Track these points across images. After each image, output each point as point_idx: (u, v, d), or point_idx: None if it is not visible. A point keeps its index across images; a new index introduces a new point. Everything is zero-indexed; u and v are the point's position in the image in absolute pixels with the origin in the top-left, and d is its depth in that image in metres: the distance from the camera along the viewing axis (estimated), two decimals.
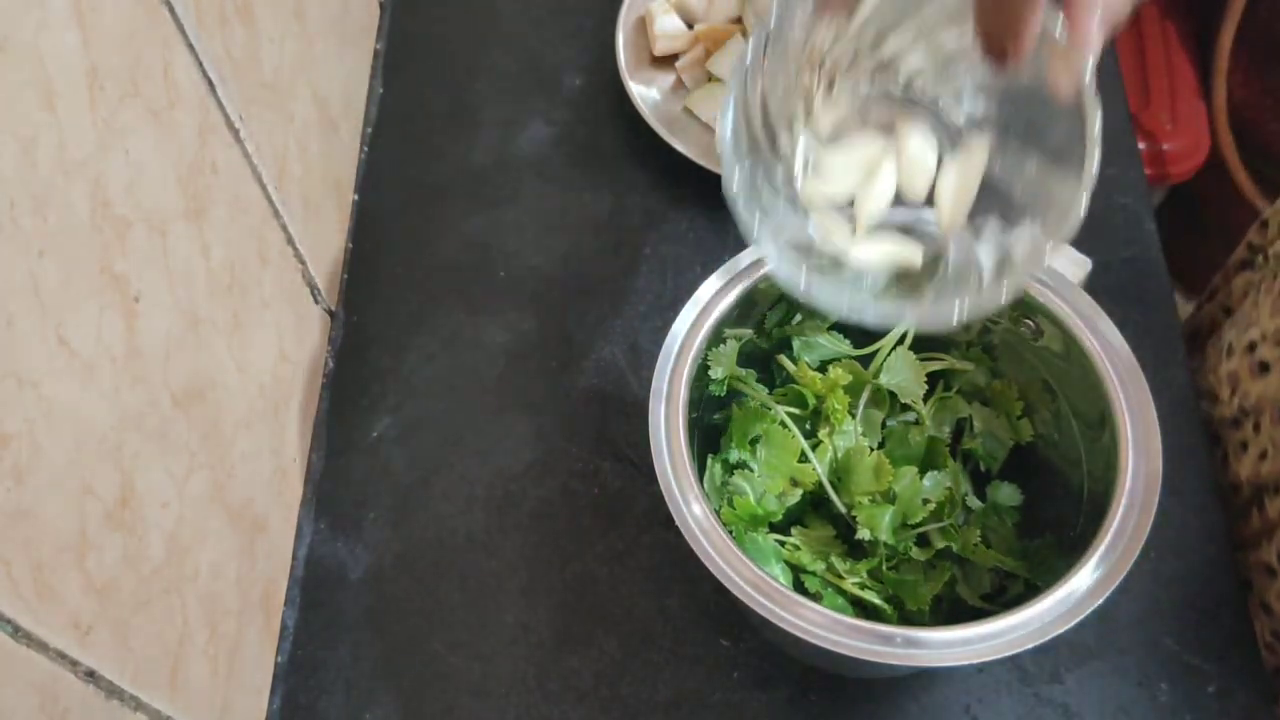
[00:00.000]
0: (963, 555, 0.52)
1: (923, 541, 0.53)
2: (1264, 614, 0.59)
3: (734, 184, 0.41)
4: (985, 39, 0.35)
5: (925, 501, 0.52)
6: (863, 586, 0.51)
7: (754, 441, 0.53)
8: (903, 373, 0.54)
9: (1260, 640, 0.58)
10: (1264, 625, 0.59)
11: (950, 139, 0.44)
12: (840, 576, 0.51)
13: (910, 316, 0.43)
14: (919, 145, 0.44)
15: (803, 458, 0.52)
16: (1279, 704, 0.57)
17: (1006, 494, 0.54)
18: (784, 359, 0.57)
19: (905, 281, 0.45)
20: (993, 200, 0.44)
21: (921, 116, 0.44)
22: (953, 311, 0.42)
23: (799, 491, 0.52)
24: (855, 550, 0.53)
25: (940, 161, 0.44)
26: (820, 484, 0.52)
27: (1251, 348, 0.63)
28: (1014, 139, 0.42)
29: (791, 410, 0.54)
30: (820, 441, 0.54)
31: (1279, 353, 0.60)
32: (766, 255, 0.41)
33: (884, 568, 0.52)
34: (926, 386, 0.54)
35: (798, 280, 0.42)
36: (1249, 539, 0.61)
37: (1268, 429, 0.60)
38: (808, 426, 0.55)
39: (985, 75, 0.39)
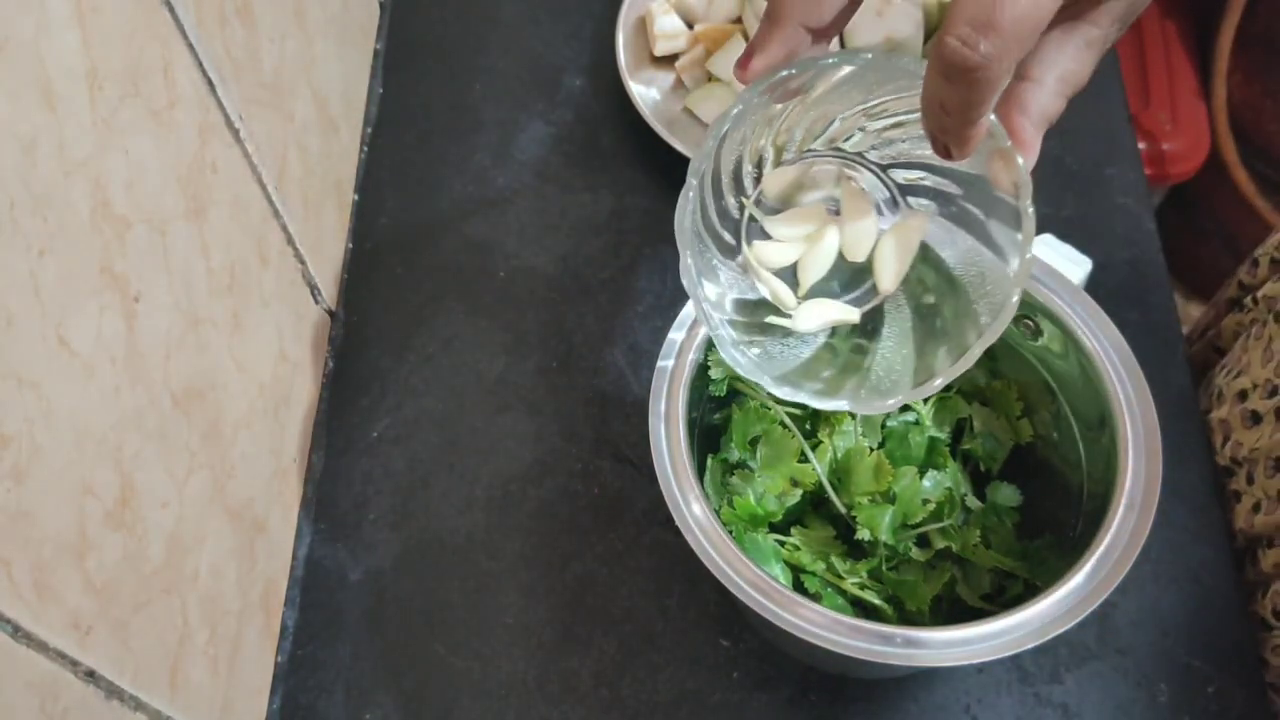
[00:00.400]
0: (962, 556, 0.52)
1: (922, 542, 0.53)
2: (1261, 667, 0.59)
3: (691, 268, 0.41)
4: (931, 138, 0.36)
5: (925, 502, 0.52)
6: (862, 587, 0.51)
7: (754, 442, 0.53)
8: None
9: (1265, 681, 0.58)
10: (1262, 676, 0.58)
11: (893, 203, 0.45)
12: (840, 576, 0.51)
13: (847, 403, 0.43)
14: (862, 209, 0.45)
15: (802, 458, 0.52)
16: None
17: (1006, 494, 0.54)
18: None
19: (846, 364, 0.46)
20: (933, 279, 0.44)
21: (865, 178, 0.44)
22: (887, 401, 0.43)
23: (799, 492, 0.52)
24: (855, 550, 0.53)
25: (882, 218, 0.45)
26: (820, 484, 0.52)
27: (1242, 396, 0.62)
28: (955, 217, 0.43)
29: (792, 410, 0.54)
30: (820, 442, 0.54)
31: (1271, 404, 0.59)
32: (718, 342, 0.42)
33: (884, 568, 0.52)
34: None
35: (738, 362, 0.42)
36: (1242, 584, 0.61)
37: (1261, 481, 0.59)
38: (807, 427, 0.55)
39: (932, 158, 0.40)
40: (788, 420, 0.53)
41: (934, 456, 0.54)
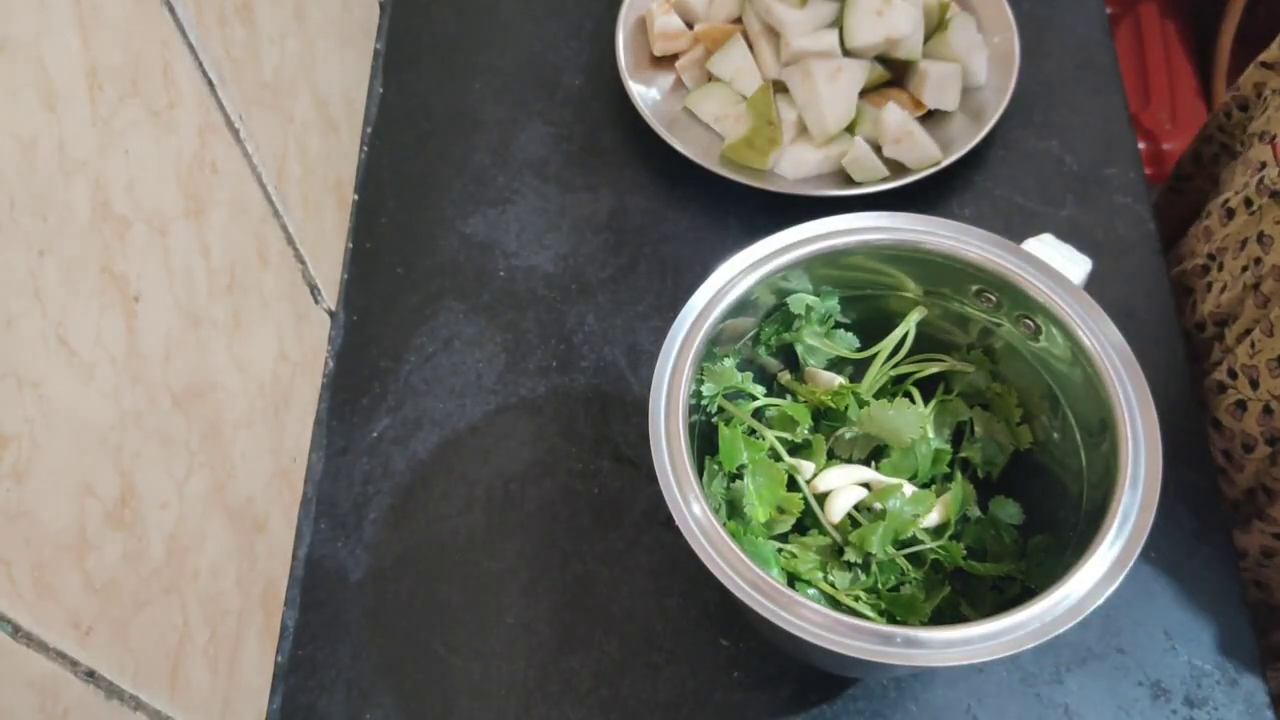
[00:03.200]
0: (958, 567, 0.52)
1: (916, 557, 0.53)
2: (1215, 431, 0.63)
3: None
4: None
5: (915, 516, 0.52)
6: (856, 599, 0.51)
7: (741, 468, 0.53)
8: (892, 423, 0.53)
9: (1214, 462, 0.63)
10: (1215, 444, 0.63)
11: None
12: (836, 588, 0.51)
13: None
14: None
15: (790, 486, 0.52)
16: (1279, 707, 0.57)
17: (1010, 512, 0.54)
18: (786, 378, 0.57)
19: None
20: None
21: None
22: None
23: (789, 520, 0.52)
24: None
25: None
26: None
27: (1225, 204, 0.67)
28: None
29: (781, 435, 0.54)
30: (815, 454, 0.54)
31: (1241, 197, 0.64)
32: None
33: (880, 586, 0.52)
34: (924, 430, 0.53)
35: None
36: (1209, 368, 0.65)
37: (1228, 265, 0.64)
38: (806, 434, 0.55)
39: None
40: (777, 446, 0.53)
41: (938, 466, 0.54)
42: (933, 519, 0.53)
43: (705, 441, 0.54)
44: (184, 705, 0.48)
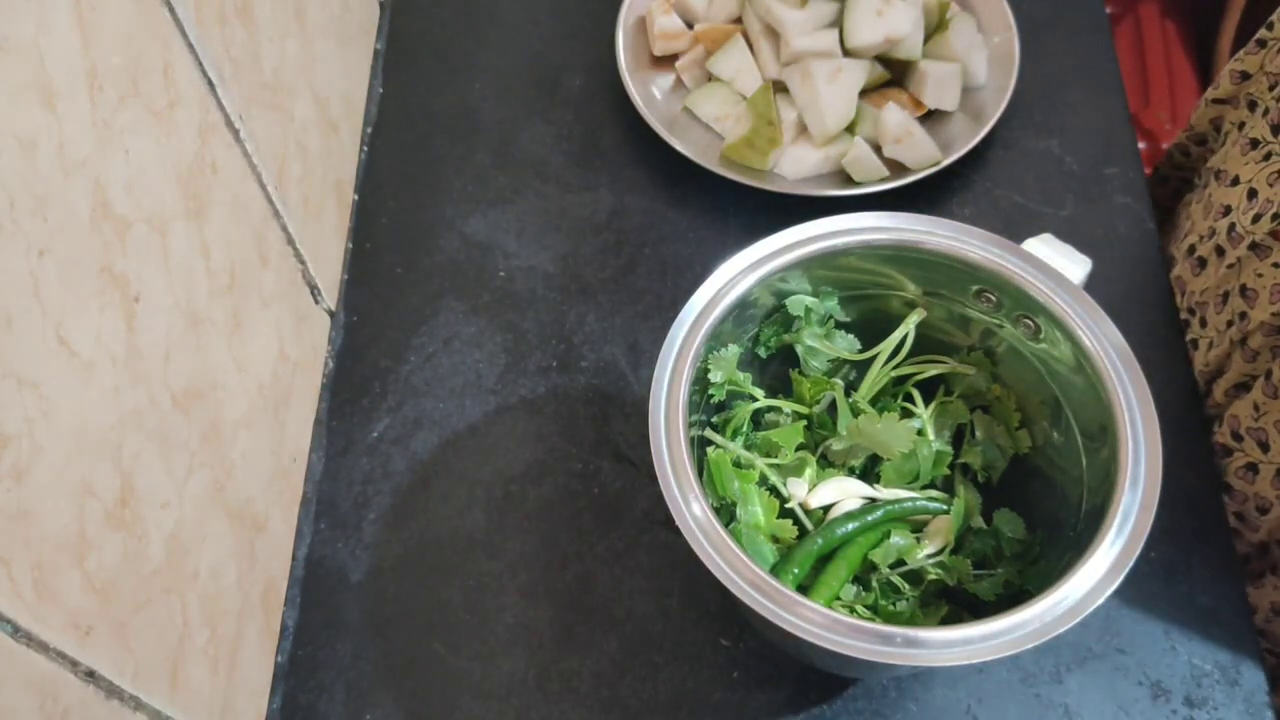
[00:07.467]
0: (960, 586, 0.52)
1: (915, 576, 0.53)
2: (1225, 495, 0.62)
3: None
4: None
5: (918, 541, 0.52)
6: (852, 612, 0.51)
7: (734, 502, 0.52)
8: (880, 436, 0.53)
9: (1226, 521, 0.62)
10: (1226, 505, 0.62)
11: None
12: (837, 597, 0.51)
13: None
14: None
15: (782, 514, 0.52)
16: (1276, 694, 0.57)
17: (1014, 528, 0.54)
18: (795, 374, 0.57)
19: None
20: None
21: None
22: None
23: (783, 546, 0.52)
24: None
25: None
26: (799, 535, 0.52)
27: (1191, 250, 0.67)
28: None
29: (772, 461, 0.54)
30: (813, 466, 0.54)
31: (1210, 244, 0.63)
32: None
33: (879, 602, 0.52)
34: (914, 443, 0.53)
35: None
36: (1204, 426, 0.65)
37: (1212, 319, 0.63)
38: (777, 484, 0.55)
39: None
40: (767, 470, 0.53)
41: (939, 468, 0.54)
42: (933, 546, 0.53)
43: (706, 441, 0.54)
44: (184, 705, 0.48)
